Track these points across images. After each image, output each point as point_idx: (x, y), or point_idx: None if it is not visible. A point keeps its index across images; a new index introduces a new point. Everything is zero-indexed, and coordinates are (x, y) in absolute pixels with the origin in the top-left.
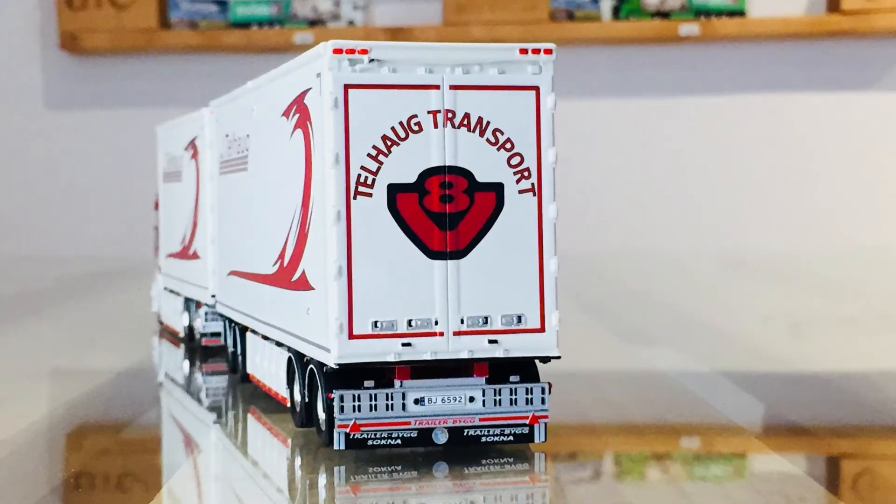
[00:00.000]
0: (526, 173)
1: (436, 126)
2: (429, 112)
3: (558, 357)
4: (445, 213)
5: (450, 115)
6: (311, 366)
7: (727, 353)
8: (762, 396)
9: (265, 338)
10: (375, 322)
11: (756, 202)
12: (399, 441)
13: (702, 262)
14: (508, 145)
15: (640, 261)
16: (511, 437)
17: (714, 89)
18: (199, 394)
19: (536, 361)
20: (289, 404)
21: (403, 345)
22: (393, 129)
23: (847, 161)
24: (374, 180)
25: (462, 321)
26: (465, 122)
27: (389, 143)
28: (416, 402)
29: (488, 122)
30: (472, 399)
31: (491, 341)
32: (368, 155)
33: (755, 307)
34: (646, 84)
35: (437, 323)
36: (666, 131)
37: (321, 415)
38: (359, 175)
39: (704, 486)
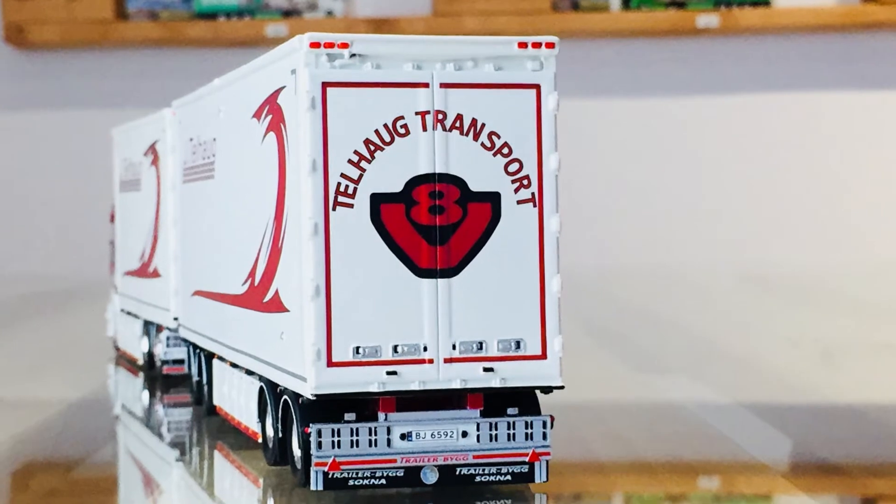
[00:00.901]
0: (525, 181)
1: (424, 129)
2: (417, 113)
3: (561, 387)
4: (435, 225)
5: (440, 116)
6: (286, 396)
7: (750, 383)
8: (790, 431)
9: (234, 365)
10: (357, 348)
11: (781, 213)
12: (384, 481)
13: (721, 279)
14: (506, 150)
15: (653, 278)
16: (509, 477)
17: (735, 87)
18: (160, 428)
19: (537, 392)
20: (260, 440)
21: (388, 373)
22: (377, 132)
23: (883, 168)
24: (355, 189)
25: (454, 347)
26: (458, 125)
27: (373, 148)
28: (403, 437)
29: (483, 125)
30: (465, 434)
31: (486, 369)
32: (349, 161)
33: (781, 330)
34: (659, 82)
35: (425, 349)
36: (681, 134)
37: (296, 451)
38: (338, 183)
39: None
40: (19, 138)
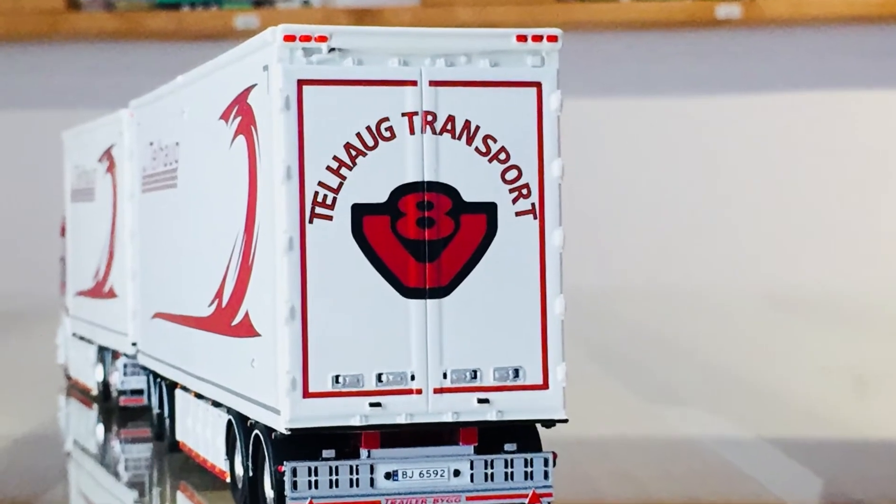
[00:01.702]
0: (524, 191)
1: (412, 132)
2: (403, 114)
3: (565, 420)
4: (424, 240)
5: (429, 118)
6: (257, 431)
7: (774, 415)
8: (819, 469)
9: (199, 396)
10: (337, 377)
11: (811, 226)
12: None
13: (743, 300)
14: (503, 156)
15: (667, 299)
16: None
17: (759, 86)
18: (117, 466)
19: (538, 425)
20: (229, 479)
21: (372, 405)
22: (359, 135)
23: None
24: (334, 199)
25: (445, 375)
26: (449, 127)
27: (354, 154)
28: (388, 476)
29: (477, 127)
30: (457, 473)
31: (481, 401)
32: (328, 168)
33: (810, 357)
34: (674, 79)
35: (413, 378)
36: (699, 138)
37: (269, 492)
38: (316, 193)
39: None
40: None
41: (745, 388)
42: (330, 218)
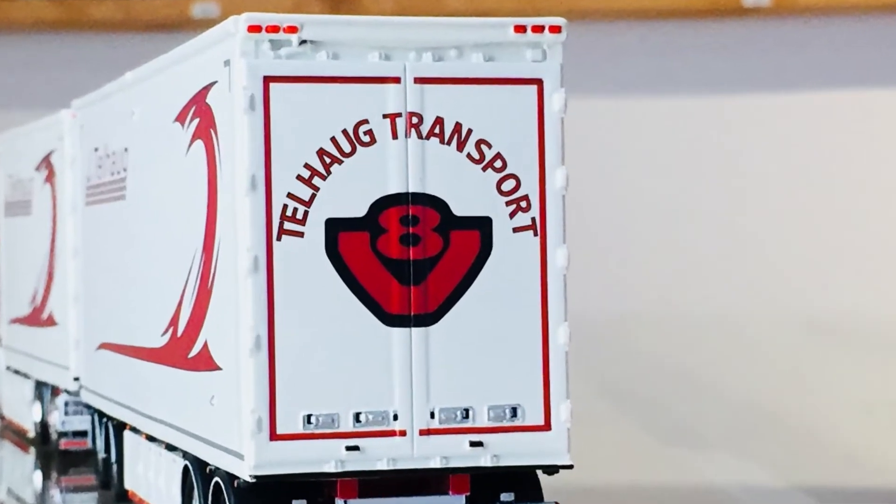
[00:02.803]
0: (523, 204)
1: (395, 136)
2: (385, 116)
3: (570, 466)
4: (408, 260)
5: (415, 120)
6: (217, 478)
7: (811, 460)
8: None
9: (151, 438)
10: (309, 416)
11: (852, 245)
12: None
13: (774, 328)
14: (498, 164)
15: (687, 328)
16: None
17: (792, 83)
18: None
19: (539, 472)
20: None
21: (349, 448)
22: (333, 140)
23: None
24: (306, 213)
25: (432, 415)
26: (437, 131)
27: (329, 161)
28: None
29: (469, 131)
30: None
31: (474, 444)
32: (299, 177)
33: (851, 394)
34: (695, 76)
35: (396, 417)
36: (723, 143)
37: None
38: (285, 206)
39: None
40: None
41: (778, 429)
42: (301, 234)
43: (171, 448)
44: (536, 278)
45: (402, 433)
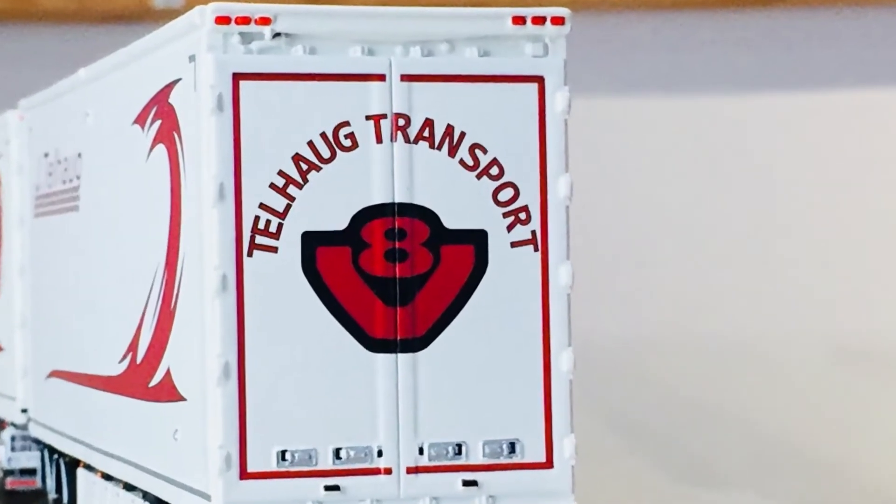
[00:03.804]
0: (522, 215)
1: (379, 140)
2: (368, 117)
3: None
4: (395, 278)
5: (402, 122)
6: None
7: (842, 498)
8: None
9: (107, 477)
10: (283, 452)
11: (888, 264)
12: None
13: (802, 355)
14: (495, 171)
15: (704, 354)
16: None
17: (821, 80)
18: None
19: None
20: None
21: (328, 488)
22: (311, 144)
23: None
24: (280, 226)
25: (421, 451)
26: (427, 134)
27: (306, 168)
28: None
29: (463, 134)
30: None
31: (467, 483)
32: (272, 186)
33: (884, 426)
34: (713, 73)
35: (380, 454)
36: (744, 148)
37: None
38: (257, 218)
39: None
40: None
41: (804, 464)
42: (274, 250)
43: (129, 488)
44: (537, 298)
45: (388, 471)
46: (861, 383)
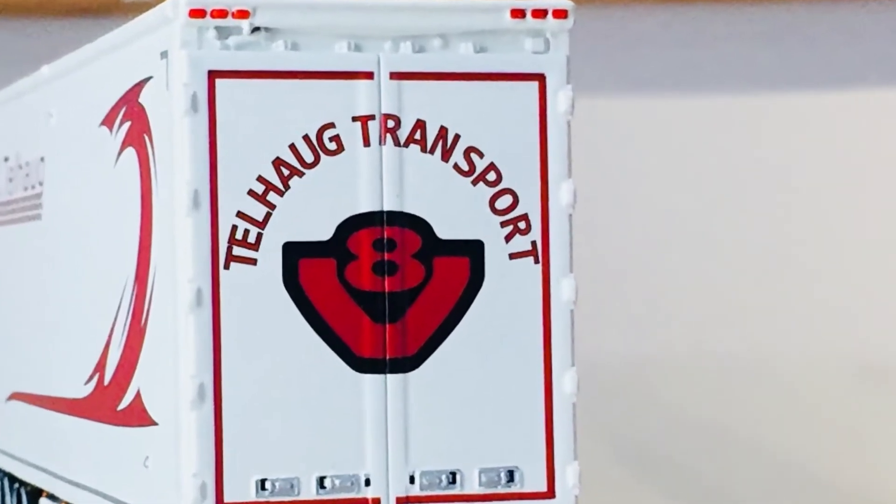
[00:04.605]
0: (521, 224)
1: (367, 143)
2: (355, 119)
3: None
4: (383, 292)
5: (391, 123)
6: None
7: None
8: None
9: None
10: (263, 481)
11: None
12: None
13: (819, 373)
14: (492, 176)
15: (717, 374)
16: None
17: (846, 79)
18: None
19: None
20: None
21: None
22: (293, 147)
23: None
24: (259, 236)
25: (412, 480)
26: (418, 137)
27: (287, 174)
28: None
29: (457, 137)
30: None
31: None
32: (251, 193)
33: None
34: (729, 70)
35: (368, 483)
36: (763, 152)
37: None
38: (234, 228)
39: None
40: None
41: (824, 490)
42: (253, 262)
43: None
44: (537, 314)
45: (376, 501)
46: (885, 405)
